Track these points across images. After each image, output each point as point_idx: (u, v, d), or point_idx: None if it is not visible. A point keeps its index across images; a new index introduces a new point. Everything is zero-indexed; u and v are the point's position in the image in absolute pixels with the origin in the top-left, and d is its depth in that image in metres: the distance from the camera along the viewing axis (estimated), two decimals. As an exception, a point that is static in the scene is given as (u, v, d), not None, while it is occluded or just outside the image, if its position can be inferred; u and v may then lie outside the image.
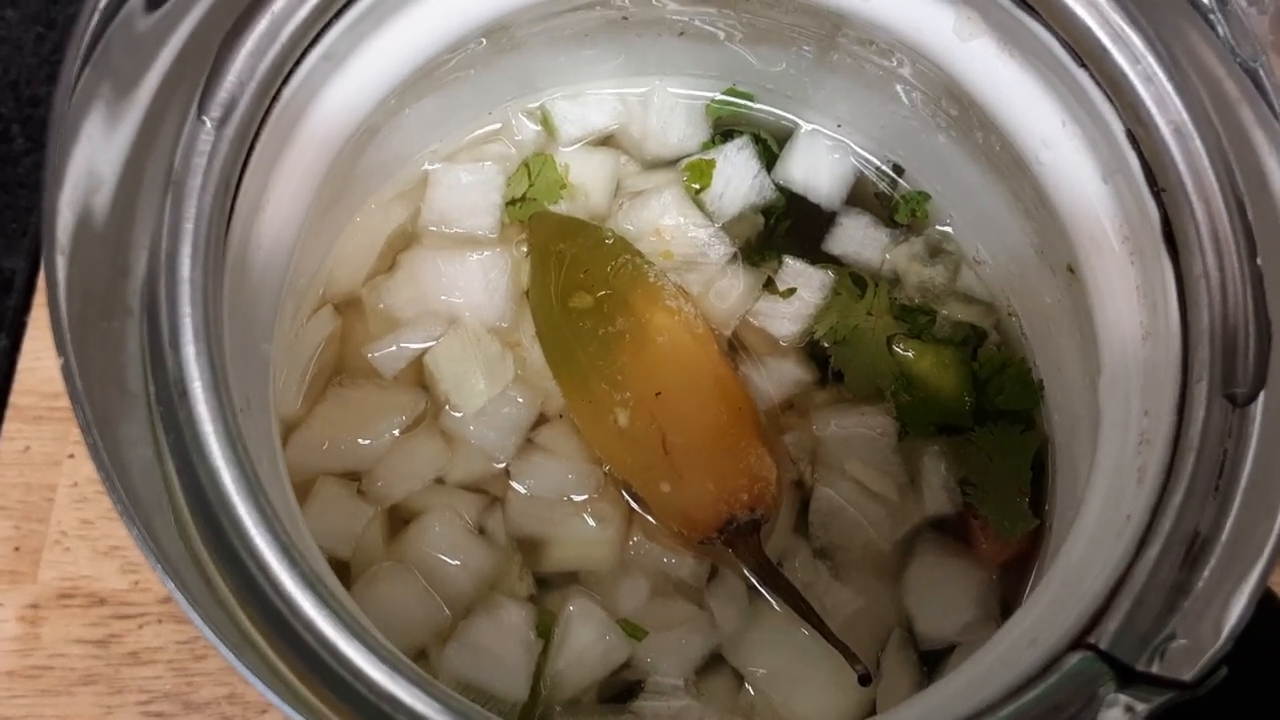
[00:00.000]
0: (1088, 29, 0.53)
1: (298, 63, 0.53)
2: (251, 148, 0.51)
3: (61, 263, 0.44)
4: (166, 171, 0.47)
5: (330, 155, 0.59)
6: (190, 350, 0.44)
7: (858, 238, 0.76)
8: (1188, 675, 0.44)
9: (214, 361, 0.45)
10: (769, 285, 0.74)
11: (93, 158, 0.46)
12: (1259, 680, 0.45)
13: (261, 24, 0.50)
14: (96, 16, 0.46)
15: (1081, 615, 0.46)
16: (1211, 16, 0.51)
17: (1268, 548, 0.46)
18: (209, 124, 0.48)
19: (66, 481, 0.74)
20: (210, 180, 0.47)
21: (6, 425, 0.76)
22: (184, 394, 0.44)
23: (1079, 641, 0.46)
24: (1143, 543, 0.47)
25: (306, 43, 0.53)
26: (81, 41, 0.46)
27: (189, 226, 0.46)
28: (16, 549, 0.72)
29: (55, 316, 0.43)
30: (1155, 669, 0.44)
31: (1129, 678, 0.44)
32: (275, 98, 0.52)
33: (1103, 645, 0.45)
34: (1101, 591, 0.47)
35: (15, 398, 0.76)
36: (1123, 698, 0.44)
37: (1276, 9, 0.93)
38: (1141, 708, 0.43)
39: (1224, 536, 0.46)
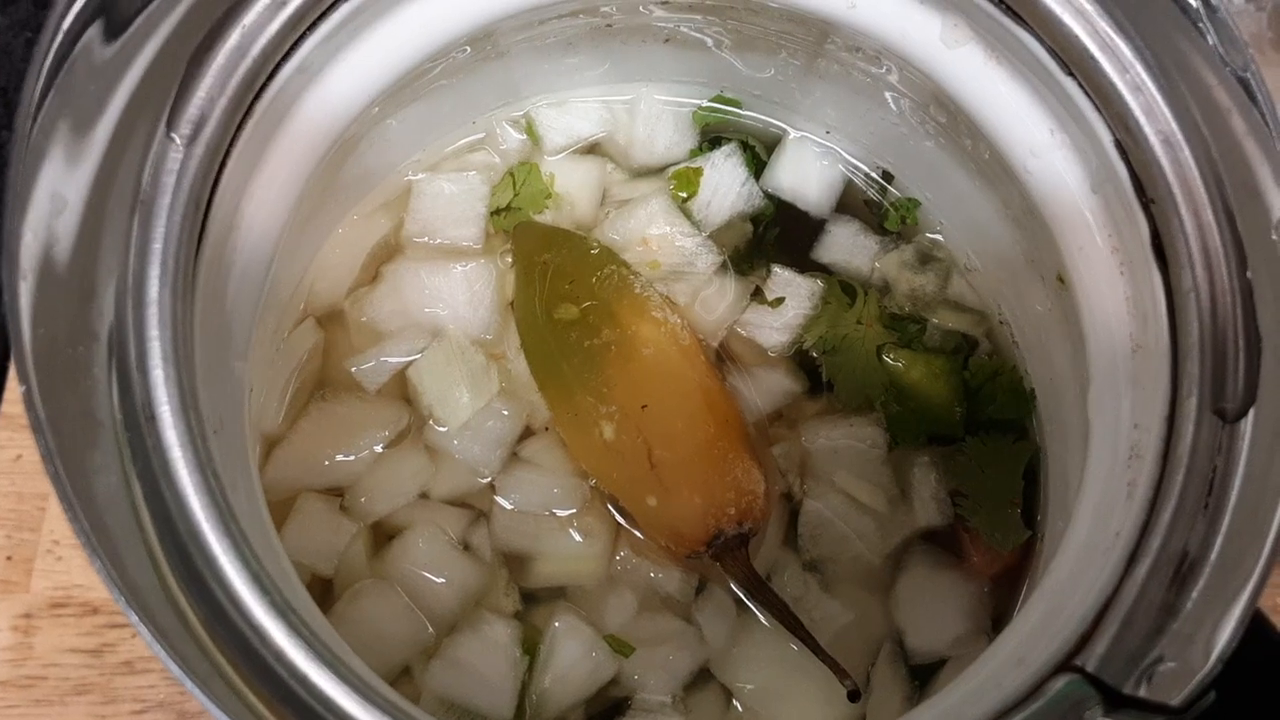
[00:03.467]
0: (1075, 37, 0.51)
1: (271, 76, 0.52)
2: (224, 164, 0.50)
3: (24, 288, 0.43)
4: (134, 192, 0.46)
5: (309, 168, 0.58)
6: (158, 374, 0.43)
7: (847, 245, 0.75)
8: (1175, 700, 0.43)
9: (183, 384, 0.44)
10: (757, 294, 0.73)
11: (57, 180, 0.45)
12: (1248, 706, 0.44)
13: (232, 38, 0.49)
14: (60, 37, 0.45)
15: (1069, 636, 0.46)
16: (1201, 24, 0.50)
17: (1257, 568, 0.45)
18: (178, 141, 0.47)
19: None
20: (180, 199, 0.46)
21: (-2, 434, 0.75)
22: (151, 419, 0.43)
23: (1066, 663, 0.45)
24: (1131, 561, 0.47)
25: (280, 56, 0.52)
26: (44, 62, 0.45)
27: (157, 247, 0.45)
28: (9, 558, 0.72)
29: (18, 343, 0.42)
30: (1143, 692, 0.43)
31: (1116, 701, 0.44)
32: (248, 112, 0.51)
33: (1090, 668, 0.44)
34: (1089, 611, 0.46)
35: (6, 406, 0.76)
36: (1109, 722, 0.43)
37: (1275, 6, 0.92)
38: (1128, 732, 0.43)
39: (1213, 556, 0.46)
